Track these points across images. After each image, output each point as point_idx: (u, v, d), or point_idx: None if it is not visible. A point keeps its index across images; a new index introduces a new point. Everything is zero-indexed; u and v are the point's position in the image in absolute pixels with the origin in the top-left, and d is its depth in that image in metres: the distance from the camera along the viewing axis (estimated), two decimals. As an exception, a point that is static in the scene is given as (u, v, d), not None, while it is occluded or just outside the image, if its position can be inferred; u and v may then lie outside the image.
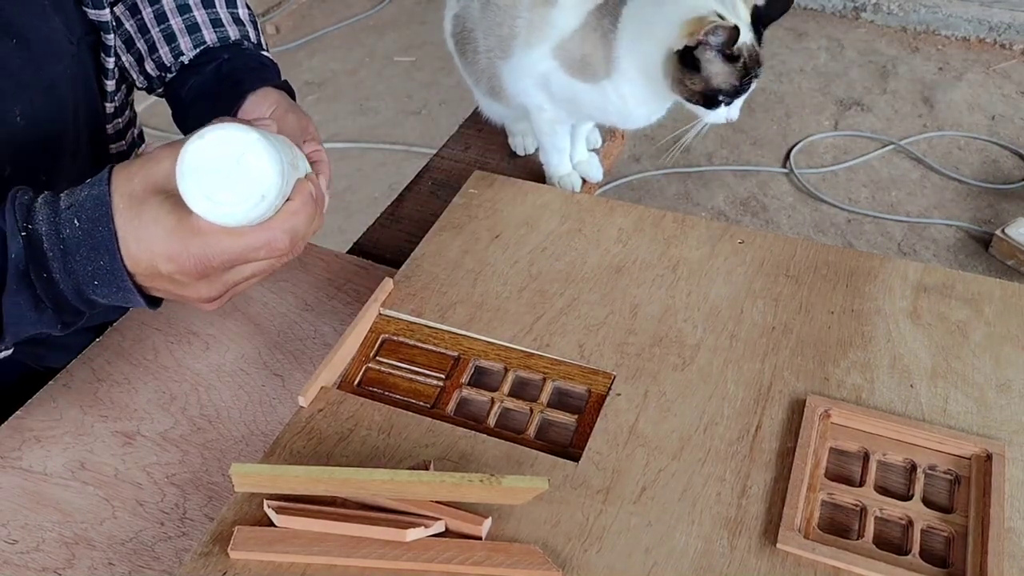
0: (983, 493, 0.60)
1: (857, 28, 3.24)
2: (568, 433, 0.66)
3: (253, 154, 0.50)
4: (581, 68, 0.84)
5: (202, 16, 0.77)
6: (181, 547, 0.61)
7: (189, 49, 0.77)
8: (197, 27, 0.76)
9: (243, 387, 0.72)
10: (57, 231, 0.52)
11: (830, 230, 2.36)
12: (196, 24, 0.76)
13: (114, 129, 0.77)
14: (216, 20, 0.77)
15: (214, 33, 0.77)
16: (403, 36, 3.29)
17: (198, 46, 0.77)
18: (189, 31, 0.77)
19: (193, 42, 0.77)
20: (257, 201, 0.51)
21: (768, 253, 0.80)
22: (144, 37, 0.77)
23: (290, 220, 0.54)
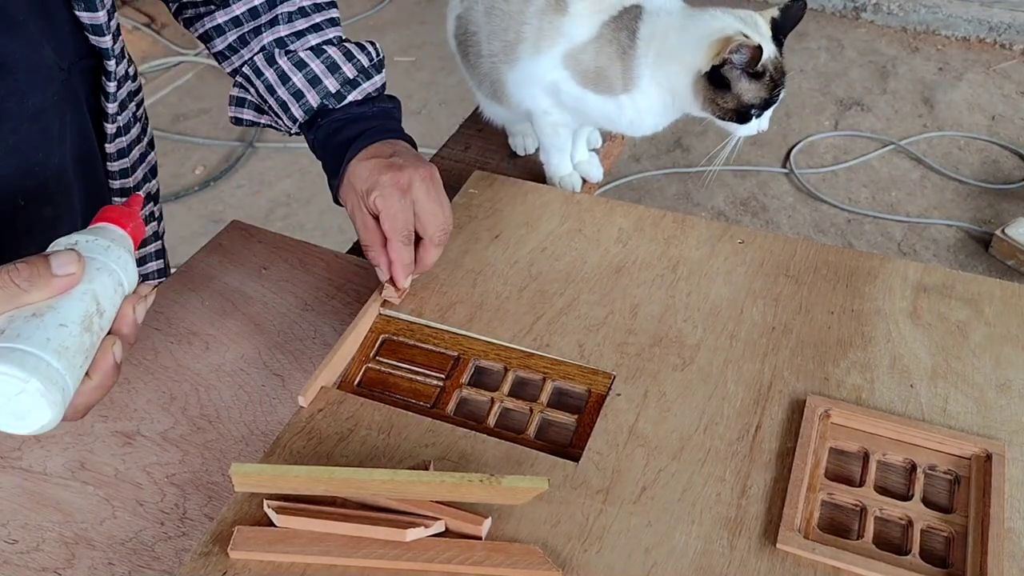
0: (983, 493, 0.60)
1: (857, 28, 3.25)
2: (568, 433, 0.66)
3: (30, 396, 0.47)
4: (595, 80, 0.84)
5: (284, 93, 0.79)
6: (181, 547, 0.61)
7: (293, 123, 0.80)
8: (286, 105, 0.79)
9: (243, 387, 0.72)
10: None
11: (830, 230, 2.36)
12: (284, 103, 0.79)
13: (116, 147, 0.77)
14: (296, 93, 0.79)
15: (299, 108, 0.79)
16: (403, 36, 3.29)
17: (294, 122, 0.80)
18: (282, 108, 0.80)
19: (289, 119, 0.80)
20: (36, 430, 0.49)
21: (768, 253, 0.80)
22: (267, 104, 0.81)
23: (82, 402, 0.52)
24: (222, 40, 0.81)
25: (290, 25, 0.80)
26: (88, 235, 0.54)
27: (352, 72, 0.79)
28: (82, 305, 0.50)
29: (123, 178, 0.79)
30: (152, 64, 3.07)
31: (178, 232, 2.35)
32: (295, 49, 0.79)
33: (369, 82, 0.80)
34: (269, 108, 0.81)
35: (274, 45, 0.80)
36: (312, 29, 0.81)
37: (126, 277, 0.54)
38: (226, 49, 0.81)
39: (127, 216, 0.57)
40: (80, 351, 0.49)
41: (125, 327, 0.54)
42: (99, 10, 0.67)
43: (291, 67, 0.79)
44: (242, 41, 0.80)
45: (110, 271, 0.53)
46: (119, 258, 0.54)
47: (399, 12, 3.45)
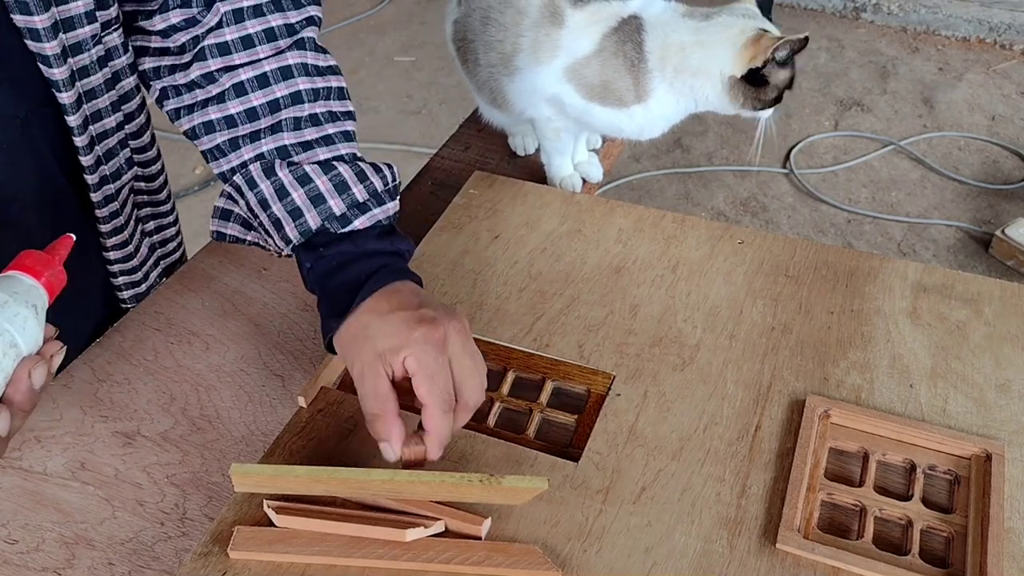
0: (982, 493, 0.60)
1: (857, 28, 3.25)
2: (568, 433, 0.66)
3: None
4: (603, 94, 0.84)
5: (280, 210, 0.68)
6: (181, 547, 0.61)
7: (285, 246, 0.69)
8: (280, 223, 0.68)
9: (243, 387, 0.72)
10: None
11: (830, 230, 2.36)
12: (278, 220, 0.68)
13: (98, 176, 0.72)
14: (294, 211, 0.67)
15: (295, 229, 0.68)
16: (403, 36, 3.29)
17: (288, 243, 0.68)
18: (276, 227, 0.68)
19: (283, 240, 0.68)
20: None
21: (768, 253, 0.80)
22: (257, 221, 0.70)
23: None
24: (210, 139, 0.70)
25: (297, 133, 0.69)
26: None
27: (363, 195, 0.68)
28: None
29: (114, 219, 0.76)
30: (152, 64, 3.07)
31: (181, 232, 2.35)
32: (299, 162, 0.68)
33: (380, 208, 0.68)
34: (259, 225, 0.69)
35: (275, 154, 0.69)
36: (322, 141, 0.70)
37: (23, 338, 0.49)
38: (214, 149, 0.70)
39: (44, 263, 0.52)
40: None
41: (17, 394, 0.49)
42: (54, 67, 0.63)
43: (292, 181, 0.67)
44: (233, 144, 0.69)
45: (1, 331, 0.48)
46: (16, 315, 0.48)
47: (399, 12, 3.45)
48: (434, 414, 0.58)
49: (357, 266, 0.66)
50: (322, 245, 0.67)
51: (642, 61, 0.82)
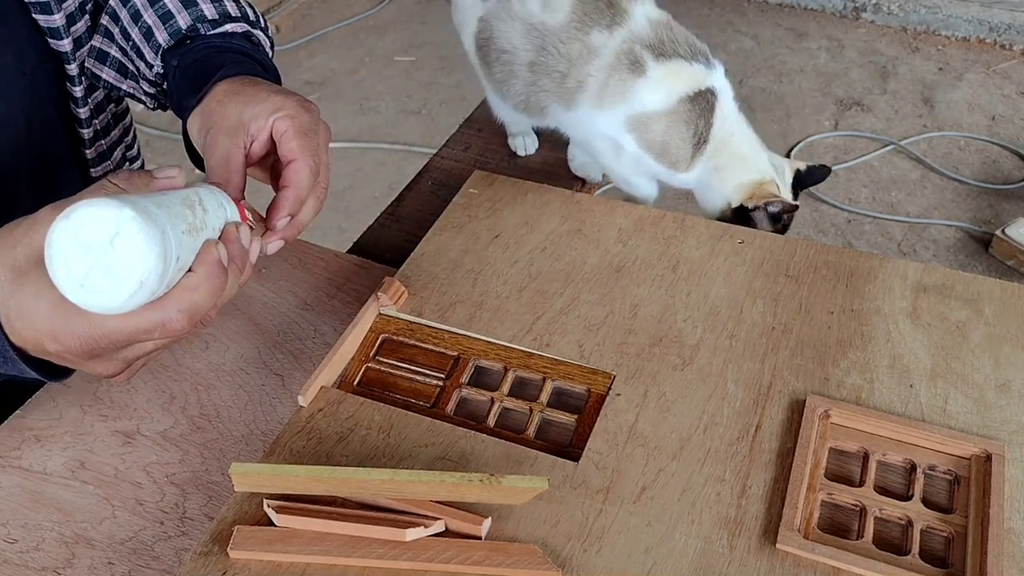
0: (983, 493, 0.60)
1: (857, 28, 3.24)
2: (568, 433, 0.66)
3: (126, 236, 0.42)
4: (660, 151, 0.86)
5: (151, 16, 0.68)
6: (181, 546, 0.61)
7: (166, 41, 0.68)
8: (170, 14, 0.68)
9: (243, 387, 0.72)
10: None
11: (830, 230, 2.36)
12: (169, 12, 0.68)
13: (96, 152, 0.74)
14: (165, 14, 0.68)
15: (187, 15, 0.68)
16: (403, 36, 3.29)
17: (174, 35, 0.68)
18: (163, 20, 0.68)
19: (168, 31, 0.68)
20: (135, 289, 0.43)
21: (768, 253, 0.80)
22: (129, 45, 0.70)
23: (187, 297, 0.47)
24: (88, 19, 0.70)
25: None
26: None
27: (234, 11, 0.69)
28: (182, 194, 0.48)
29: (103, 162, 0.77)
30: (152, 64, 3.07)
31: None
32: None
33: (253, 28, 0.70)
34: (132, 49, 0.69)
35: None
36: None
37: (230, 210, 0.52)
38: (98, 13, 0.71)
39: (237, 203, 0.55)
40: (181, 219, 0.45)
41: (229, 243, 0.50)
42: (54, 13, 0.64)
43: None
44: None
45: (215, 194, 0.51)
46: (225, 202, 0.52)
47: (399, 12, 3.45)
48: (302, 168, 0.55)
49: (225, 56, 0.64)
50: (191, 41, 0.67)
51: (704, 142, 0.86)
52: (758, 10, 3.38)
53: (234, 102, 0.58)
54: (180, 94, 0.65)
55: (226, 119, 0.57)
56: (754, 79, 2.97)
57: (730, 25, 3.29)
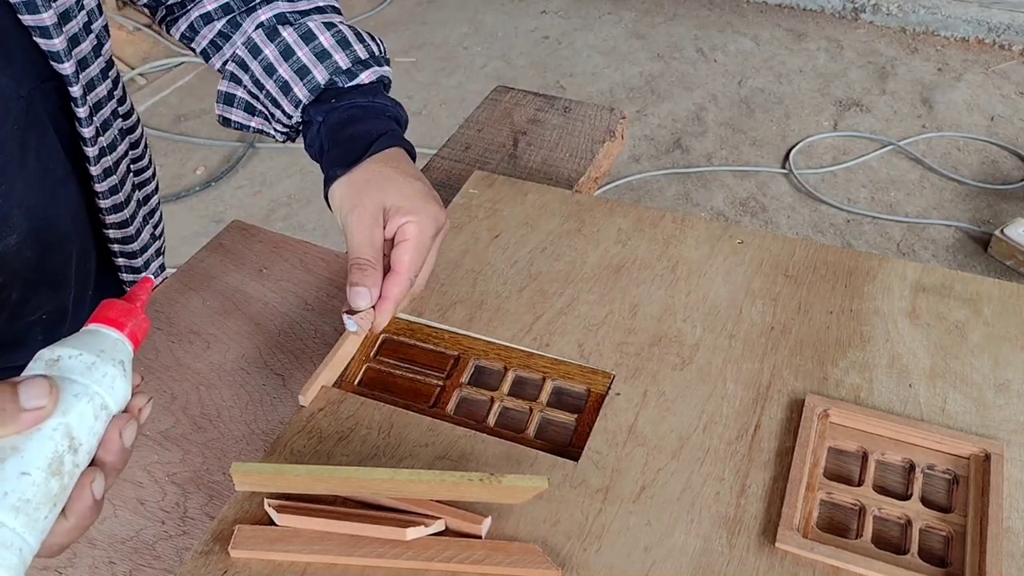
0: (981, 493, 0.61)
1: (856, 29, 3.25)
2: (568, 432, 0.66)
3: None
4: None
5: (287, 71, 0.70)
6: (182, 546, 0.61)
7: (307, 96, 0.71)
8: (307, 70, 0.70)
9: (244, 386, 0.72)
10: None
11: (829, 230, 2.36)
12: (305, 67, 0.70)
13: (102, 168, 0.73)
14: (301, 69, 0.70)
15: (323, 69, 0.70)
16: (403, 36, 3.29)
17: (313, 91, 0.70)
18: (300, 75, 0.70)
19: (308, 86, 0.70)
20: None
21: (767, 253, 0.80)
22: (263, 94, 0.72)
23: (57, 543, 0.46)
24: (210, 28, 0.72)
25: (291, 3, 0.72)
26: (72, 348, 0.47)
27: (364, 53, 0.71)
28: (51, 445, 0.44)
29: (113, 195, 0.76)
30: (153, 65, 3.07)
31: (179, 232, 2.36)
32: (301, 23, 0.71)
33: (380, 68, 0.72)
34: (265, 97, 0.72)
35: (274, 20, 0.71)
36: (316, 11, 0.73)
37: (112, 397, 0.47)
38: (216, 37, 0.72)
39: (126, 314, 0.50)
40: (46, 500, 0.43)
41: (109, 455, 0.47)
42: (54, 37, 0.63)
43: (297, 39, 0.69)
44: (234, 25, 0.72)
45: (91, 396, 0.46)
46: (104, 376, 0.47)
47: (399, 12, 3.45)
48: (402, 283, 0.61)
49: (369, 121, 0.67)
50: (333, 98, 0.69)
51: None
52: (757, 11, 3.38)
53: (380, 188, 0.63)
54: (324, 153, 0.69)
55: (371, 202, 0.62)
56: (753, 79, 2.97)
57: (729, 26, 3.30)
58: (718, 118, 2.76)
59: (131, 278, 0.82)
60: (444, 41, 3.26)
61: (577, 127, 1.06)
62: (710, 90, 2.90)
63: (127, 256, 0.81)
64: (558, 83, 3.01)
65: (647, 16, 3.38)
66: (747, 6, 3.41)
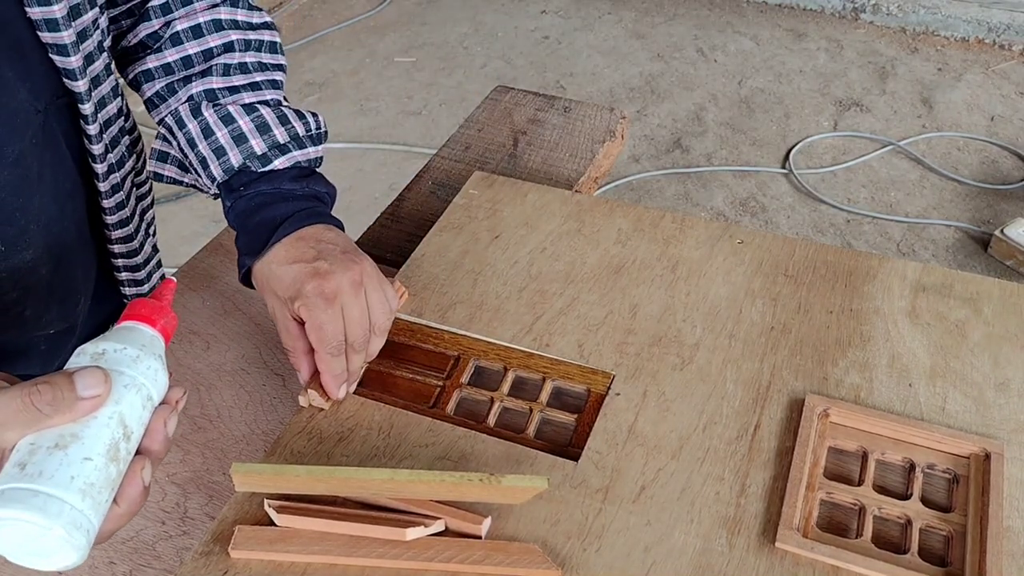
0: (982, 492, 0.61)
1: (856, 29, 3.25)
2: (567, 433, 0.66)
3: (54, 540, 0.44)
4: None
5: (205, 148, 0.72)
6: (182, 546, 0.61)
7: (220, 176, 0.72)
8: (223, 150, 0.72)
9: (244, 387, 0.72)
10: None
11: (829, 230, 2.36)
12: (222, 147, 0.72)
13: (110, 184, 0.74)
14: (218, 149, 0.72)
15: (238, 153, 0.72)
16: (404, 37, 3.29)
17: (227, 172, 0.72)
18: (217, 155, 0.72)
19: (223, 167, 0.72)
20: (60, 568, 0.46)
21: (767, 253, 0.80)
22: (187, 161, 0.74)
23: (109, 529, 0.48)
24: (150, 86, 0.74)
25: (225, 79, 0.74)
26: (115, 342, 0.50)
27: (284, 137, 0.72)
28: (108, 432, 0.47)
29: (120, 211, 0.76)
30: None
31: (179, 232, 2.36)
32: (224, 103, 0.73)
33: (300, 151, 0.73)
34: (190, 164, 0.74)
35: (203, 96, 0.73)
36: (249, 87, 0.74)
37: (155, 389, 0.50)
38: (154, 96, 0.74)
39: (158, 312, 0.53)
40: (106, 484, 0.46)
41: (155, 444, 0.50)
42: (71, 55, 0.64)
43: (216, 120, 0.72)
44: (170, 90, 0.74)
45: (138, 386, 0.49)
46: (148, 368, 0.50)
47: (399, 12, 3.45)
48: (322, 358, 0.65)
49: (274, 208, 0.70)
50: (243, 184, 0.71)
51: None
52: (757, 11, 3.38)
53: (274, 282, 0.67)
54: (236, 235, 0.72)
55: (275, 297, 0.67)
56: (753, 79, 2.97)
57: (730, 26, 3.30)
58: (718, 118, 2.76)
59: (133, 291, 0.83)
60: (444, 41, 3.26)
61: (577, 127, 1.06)
62: (710, 90, 2.90)
63: (131, 269, 0.81)
64: (558, 83, 3.01)
65: (647, 16, 3.38)
66: (747, 6, 3.41)
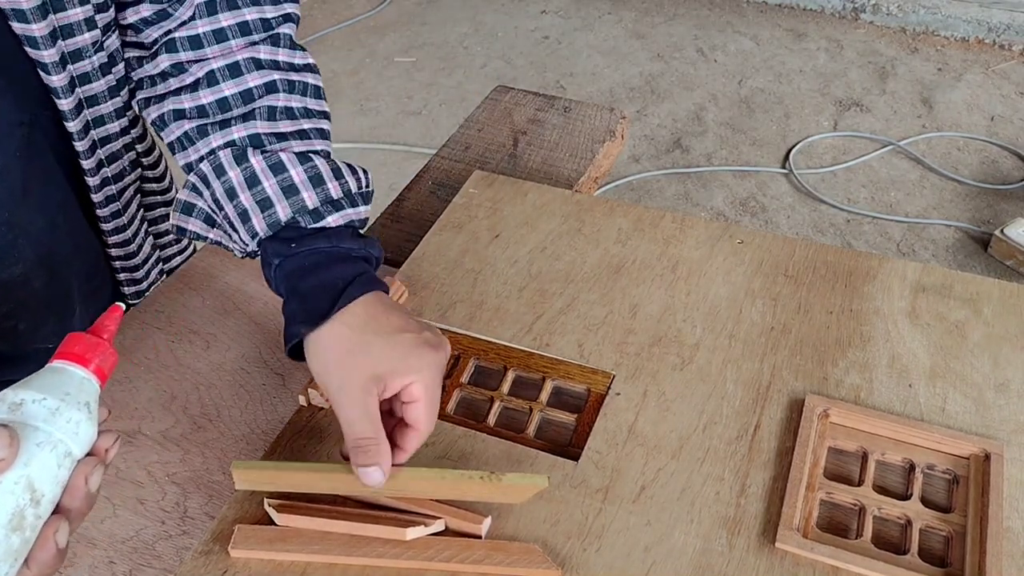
0: (981, 493, 0.61)
1: (856, 29, 3.25)
2: (568, 432, 0.66)
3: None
4: None
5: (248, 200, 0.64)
6: (182, 545, 0.61)
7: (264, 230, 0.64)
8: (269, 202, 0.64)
9: (244, 386, 0.72)
10: None
11: (829, 230, 2.36)
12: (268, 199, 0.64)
13: (104, 196, 0.72)
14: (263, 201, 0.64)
15: (287, 205, 0.64)
16: (403, 37, 3.29)
17: (272, 226, 0.64)
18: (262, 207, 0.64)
19: (267, 220, 0.64)
20: None
21: (767, 253, 0.80)
22: (220, 215, 0.66)
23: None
24: (179, 126, 0.66)
25: (271, 124, 0.66)
26: (35, 391, 0.45)
27: (337, 193, 0.65)
28: (12, 500, 0.42)
29: (116, 219, 0.75)
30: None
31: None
32: (273, 151, 0.65)
33: (353, 209, 0.66)
34: (224, 218, 0.66)
35: (247, 142, 0.65)
36: (297, 135, 0.66)
37: (76, 443, 0.45)
38: (183, 138, 0.66)
39: (93, 349, 0.48)
40: (7, 557, 0.42)
41: (75, 501, 0.45)
42: (53, 74, 0.62)
43: (264, 168, 0.63)
44: (202, 132, 0.66)
45: (54, 444, 0.44)
46: (68, 421, 0.45)
47: (399, 12, 3.45)
48: (421, 438, 0.58)
49: (333, 269, 0.62)
50: (292, 240, 0.63)
51: None
52: (757, 11, 3.38)
53: (366, 356, 0.57)
54: (284, 301, 0.63)
55: (359, 375, 0.57)
56: (753, 79, 2.97)
57: (729, 26, 3.30)
58: (718, 118, 2.76)
59: (132, 289, 0.83)
60: (444, 41, 3.26)
61: (577, 127, 1.06)
62: (710, 90, 2.90)
63: (129, 270, 0.81)
64: (558, 83, 3.00)
65: (647, 16, 3.38)
66: (747, 6, 3.41)
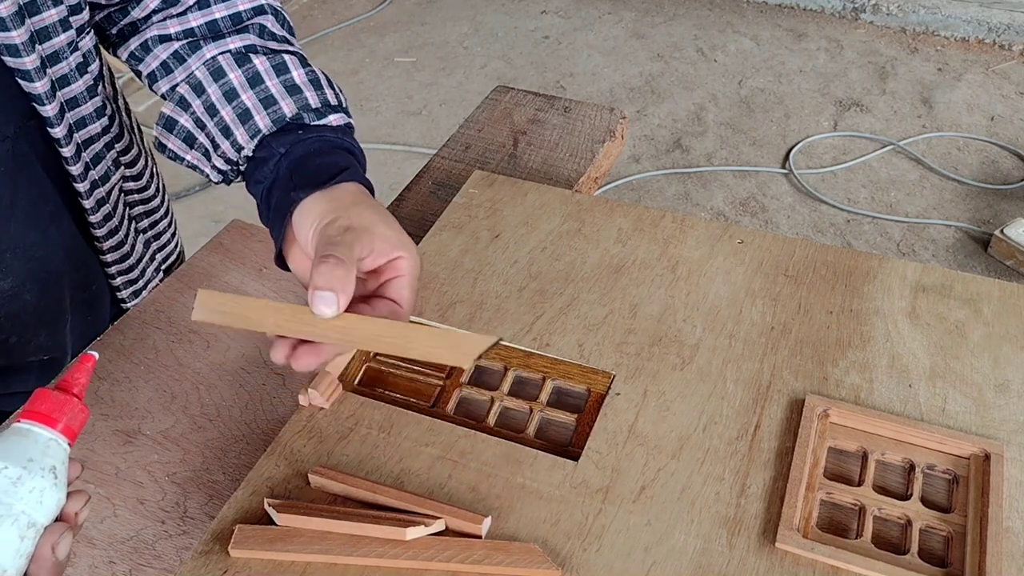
0: (982, 493, 0.61)
1: (856, 29, 3.25)
2: (568, 432, 0.66)
3: None
4: None
5: (251, 99, 0.65)
6: (182, 545, 0.61)
7: (268, 127, 0.65)
8: (273, 99, 0.65)
9: (244, 386, 0.72)
10: None
11: (829, 230, 2.36)
12: (272, 96, 0.65)
13: (95, 200, 0.72)
14: (267, 99, 0.65)
15: (291, 102, 0.65)
16: (403, 37, 3.29)
17: (277, 121, 0.65)
18: (265, 104, 0.65)
19: (271, 116, 0.65)
20: None
21: (767, 253, 0.80)
22: (213, 121, 0.67)
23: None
24: (165, 48, 0.67)
25: (263, 42, 0.68)
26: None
27: (334, 99, 0.67)
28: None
29: (108, 222, 0.75)
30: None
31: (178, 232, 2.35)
32: (275, 51, 0.67)
33: (348, 117, 0.69)
34: (206, 136, 0.66)
35: (244, 49, 0.67)
36: (290, 54, 0.69)
37: (41, 512, 0.44)
38: (170, 59, 0.67)
39: (60, 407, 0.46)
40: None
41: (42, 571, 0.44)
42: (35, 81, 0.62)
43: (269, 68, 0.65)
44: (193, 48, 0.67)
45: (15, 516, 0.42)
46: (32, 491, 0.43)
47: (399, 12, 3.46)
48: (403, 313, 0.59)
49: (337, 154, 0.63)
50: (300, 129, 0.64)
51: None
52: (757, 11, 3.39)
53: (371, 210, 0.58)
54: (279, 182, 0.63)
55: (360, 219, 0.57)
56: (753, 79, 2.97)
57: (730, 26, 3.30)
58: (718, 118, 2.76)
59: (130, 291, 0.83)
60: (444, 41, 3.26)
61: (577, 127, 1.06)
62: (710, 90, 2.90)
63: (124, 272, 0.81)
64: (558, 83, 3.01)
65: (647, 16, 3.38)
66: (747, 6, 3.41)
